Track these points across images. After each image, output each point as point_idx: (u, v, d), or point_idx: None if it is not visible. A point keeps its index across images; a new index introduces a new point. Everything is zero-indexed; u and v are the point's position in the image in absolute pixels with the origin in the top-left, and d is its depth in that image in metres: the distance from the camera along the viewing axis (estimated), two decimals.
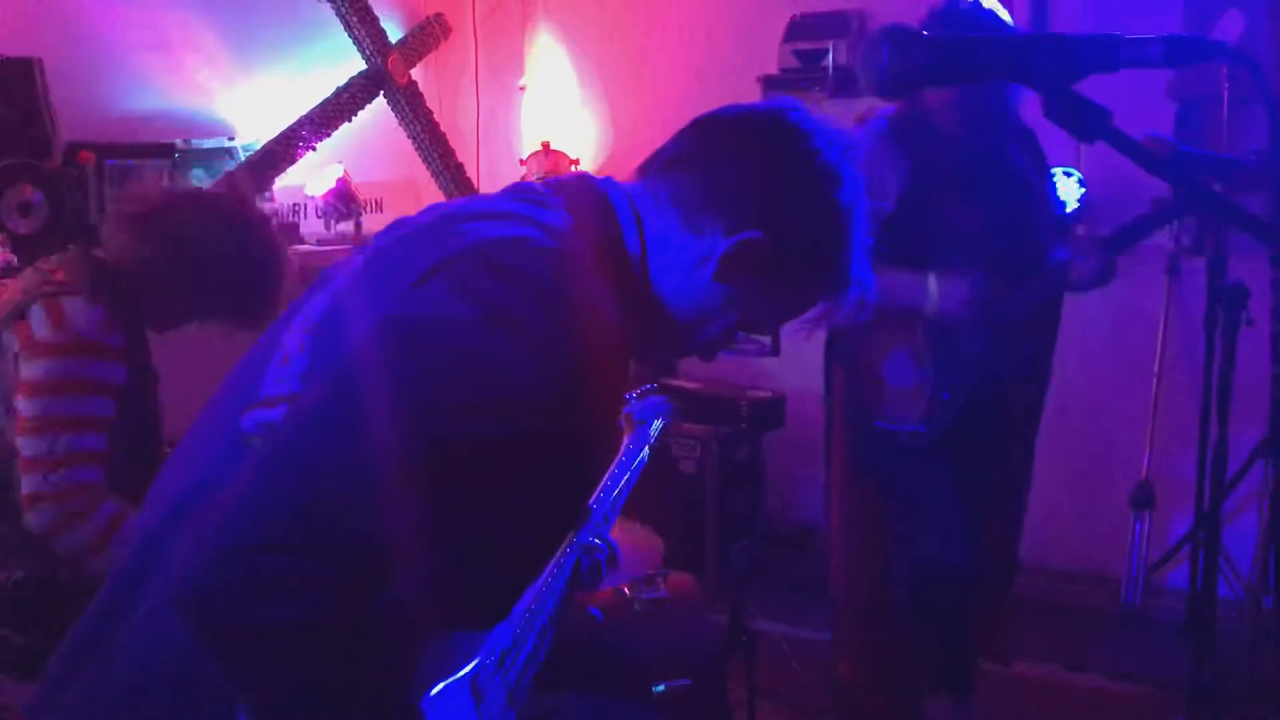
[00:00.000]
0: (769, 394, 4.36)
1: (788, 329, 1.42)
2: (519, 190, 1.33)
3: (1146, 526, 3.92)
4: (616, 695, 2.27)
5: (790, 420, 4.40)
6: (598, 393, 1.17)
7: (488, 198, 1.33)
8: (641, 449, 2.11)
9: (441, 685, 1.26)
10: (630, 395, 2.14)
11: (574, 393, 1.12)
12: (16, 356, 2.04)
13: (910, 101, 2.53)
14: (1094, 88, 1.05)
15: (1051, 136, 2.31)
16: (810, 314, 1.40)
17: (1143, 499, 3.91)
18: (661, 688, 2.29)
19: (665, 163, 1.35)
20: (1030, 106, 2.09)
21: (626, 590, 2.47)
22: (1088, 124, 1.08)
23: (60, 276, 2.09)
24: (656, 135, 1.38)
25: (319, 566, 1.01)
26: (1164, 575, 3.92)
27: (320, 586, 1.01)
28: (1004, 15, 2.47)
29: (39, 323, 2.03)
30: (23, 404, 2.01)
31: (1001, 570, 3.02)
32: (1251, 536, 3.46)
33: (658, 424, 2.21)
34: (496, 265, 1.15)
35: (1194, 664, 2.54)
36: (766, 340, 1.47)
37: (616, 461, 2.03)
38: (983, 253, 2.56)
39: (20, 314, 2.06)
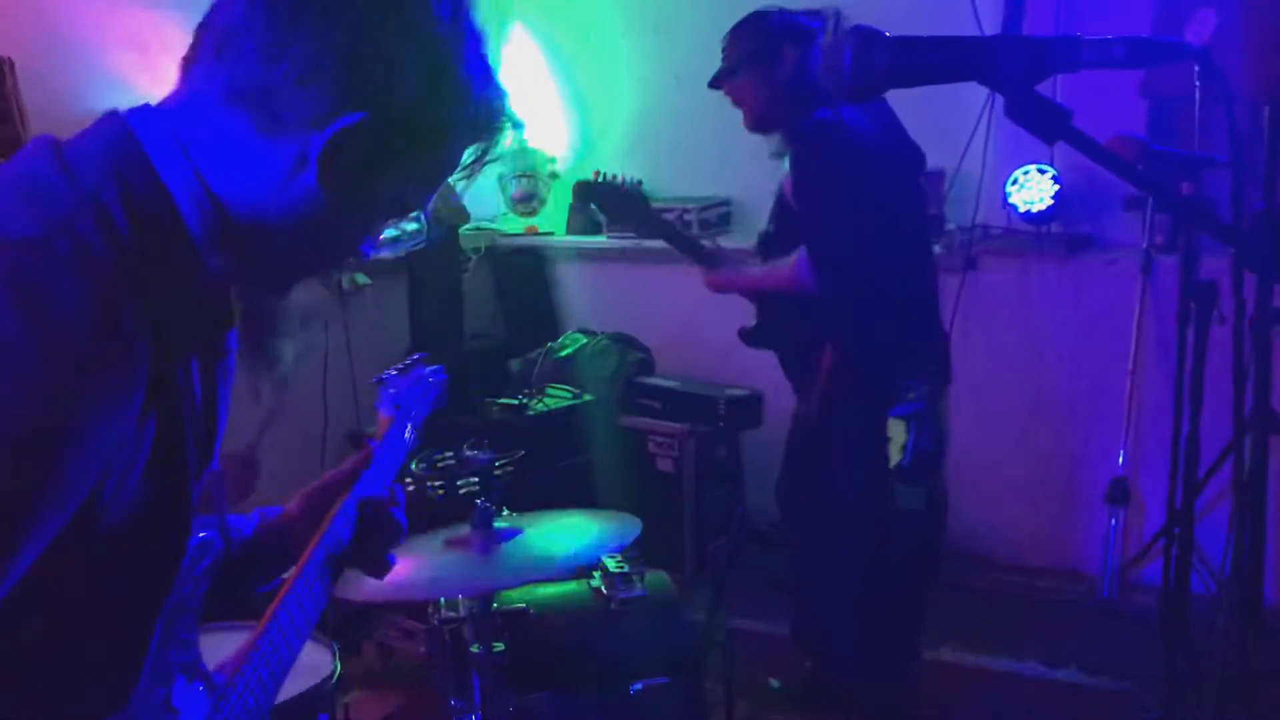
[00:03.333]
0: (747, 391, 4.36)
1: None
2: (19, 157, 1.04)
3: (1122, 522, 3.94)
4: (592, 694, 2.27)
5: (768, 418, 4.40)
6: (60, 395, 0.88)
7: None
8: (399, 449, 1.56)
9: None
10: (389, 373, 1.65)
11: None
12: None
13: None
14: (1069, 85, 1.06)
15: (1024, 131, 2.32)
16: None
17: (1118, 495, 3.94)
18: (638, 686, 2.29)
19: (216, 46, 1.01)
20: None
21: (605, 589, 2.47)
22: (1049, 125, 1.09)
23: None
24: (633, 136, 1.34)
25: None
26: (1139, 570, 3.94)
27: None
28: None
29: None
30: None
31: None
32: (1224, 531, 3.48)
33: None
34: None
35: (1168, 658, 2.56)
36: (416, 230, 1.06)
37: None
38: None
39: None
